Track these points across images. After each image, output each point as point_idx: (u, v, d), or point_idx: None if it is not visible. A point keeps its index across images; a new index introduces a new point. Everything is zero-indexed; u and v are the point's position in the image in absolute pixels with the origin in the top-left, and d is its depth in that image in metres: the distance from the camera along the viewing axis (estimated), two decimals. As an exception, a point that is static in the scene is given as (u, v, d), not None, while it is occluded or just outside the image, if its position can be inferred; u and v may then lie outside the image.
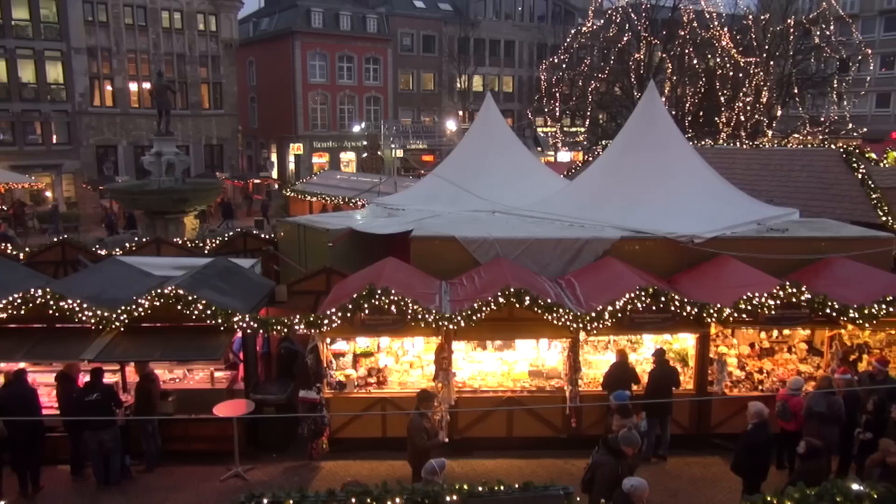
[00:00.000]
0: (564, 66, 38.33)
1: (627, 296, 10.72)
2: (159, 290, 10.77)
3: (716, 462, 10.88)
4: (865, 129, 40.40)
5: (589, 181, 15.98)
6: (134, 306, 10.73)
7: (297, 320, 10.74)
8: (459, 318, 10.60)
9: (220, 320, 10.69)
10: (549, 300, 10.88)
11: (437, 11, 55.76)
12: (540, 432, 11.14)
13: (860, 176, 18.14)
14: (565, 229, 14.07)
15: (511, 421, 11.25)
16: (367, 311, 10.60)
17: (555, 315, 10.65)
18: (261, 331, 11.15)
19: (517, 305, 10.69)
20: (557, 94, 38.13)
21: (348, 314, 10.59)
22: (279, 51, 50.02)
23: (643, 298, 10.72)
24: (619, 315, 10.76)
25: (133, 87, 40.25)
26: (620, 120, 30.40)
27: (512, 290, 10.62)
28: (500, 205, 16.01)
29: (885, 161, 26.28)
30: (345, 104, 51.84)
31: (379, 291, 10.49)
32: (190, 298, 10.65)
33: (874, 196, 17.54)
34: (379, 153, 40.84)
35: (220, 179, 35.88)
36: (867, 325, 10.74)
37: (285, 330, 10.99)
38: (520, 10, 59.11)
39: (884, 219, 16.82)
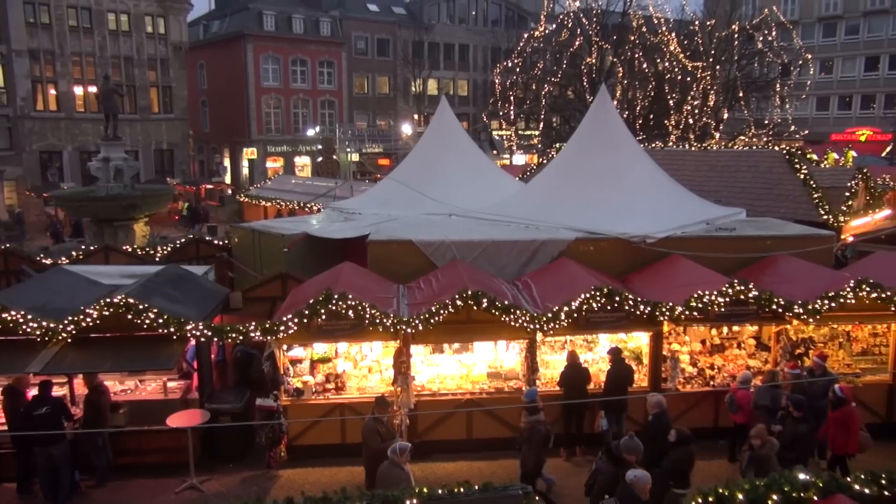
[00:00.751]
0: (518, 69, 38.75)
1: (583, 296, 10.88)
2: (108, 300, 10.48)
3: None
4: (807, 132, 41.96)
5: (544, 183, 16.17)
6: (81, 316, 10.41)
7: (252, 327, 10.59)
8: (417, 321, 10.60)
9: (172, 329, 10.45)
10: (506, 302, 10.97)
11: (391, 15, 55.73)
12: (499, 433, 11.20)
13: (802, 176, 18.81)
14: (521, 231, 14.20)
15: (470, 423, 11.29)
16: (324, 317, 10.51)
17: (512, 316, 10.74)
18: (215, 339, 10.94)
19: (475, 308, 10.75)
20: (512, 98, 38.53)
21: (305, 320, 10.48)
22: (231, 54, 49.26)
23: (598, 298, 10.90)
24: (575, 315, 10.91)
25: (78, 90, 39.10)
26: (574, 123, 30.85)
27: (469, 292, 10.68)
28: (457, 208, 16.08)
29: (825, 162, 27.30)
30: (299, 108, 51.34)
31: (336, 296, 10.42)
32: (140, 307, 10.39)
33: (815, 195, 18.21)
34: (334, 157, 40.57)
35: (170, 185, 35.11)
36: (811, 320, 11.12)
37: (240, 337, 10.81)
38: (473, 15, 59.54)
39: (825, 217, 17.48)
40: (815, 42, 51.96)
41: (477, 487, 5.84)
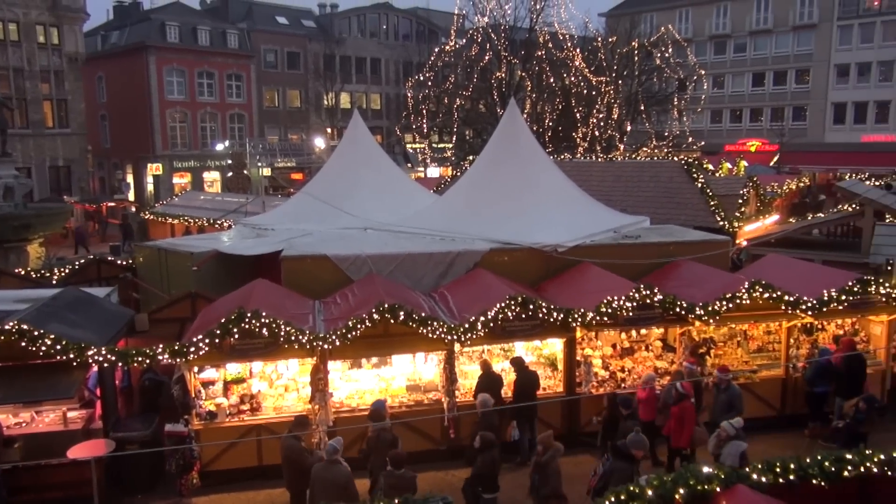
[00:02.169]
0: (430, 83, 39.12)
1: (498, 305, 11.07)
2: (-1, 327, 9.79)
3: (586, 459, 11.38)
4: (703, 143, 44.44)
5: (458, 195, 16.38)
6: (-32, 346, 9.67)
7: (160, 350, 10.15)
8: (334, 337, 10.47)
9: (72, 355, 9.87)
10: (423, 314, 11.01)
11: (300, 28, 55.12)
12: (419, 446, 11.19)
13: (700, 185, 19.92)
14: (437, 243, 14.31)
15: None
16: (236, 336, 10.21)
17: (430, 328, 10.79)
18: (119, 363, 10.41)
19: (392, 321, 10.73)
20: (424, 111, 38.83)
21: (217, 340, 10.15)
22: (132, 66, 47.30)
23: (513, 307, 11.12)
24: (492, 324, 11.08)
25: (-39, 104, 36.39)
26: (486, 136, 31.44)
27: (386, 305, 10.65)
28: (372, 221, 16.03)
29: (720, 171, 29.03)
30: (207, 122, 49.86)
31: (249, 314, 10.15)
32: (35, 333, 9.76)
33: (712, 203, 19.33)
34: (245, 172, 39.56)
35: (68, 204, 33.20)
36: (711, 320, 11.75)
37: (147, 361, 10.33)
38: (384, 29, 59.77)
39: (721, 223, 18.56)
40: (707, 59, 55.21)
41: (397, 500, 5.82)
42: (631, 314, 11.56)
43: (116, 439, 10.35)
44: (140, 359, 10.24)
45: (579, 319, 11.39)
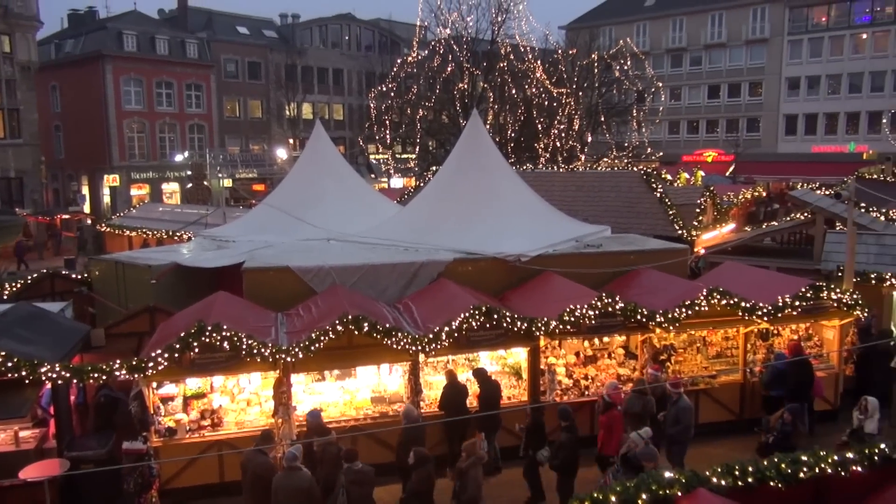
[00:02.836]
0: (393, 94, 39.19)
1: (462, 315, 11.10)
2: (-54, 344, 9.44)
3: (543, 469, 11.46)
4: (661, 153, 45.43)
5: (421, 206, 16.40)
6: (-87, 365, 9.30)
7: (117, 365, 9.90)
8: (297, 349, 10.36)
9: (24, 372, 9.56)
10: (387, 325, 10.97)
11: (261, 38, 54.72)
12: (384, 458, 11.06)
13: (659, 195, 20.33)
14: (400, 254, 14.29)
15: (355, 449, 11.11)
16: (196, 350, 10.03)
17: (394, 339, 10.75)
18: (74, 380, 10.12)
19: (356, 332, 10.67)
20: (387, 122, 38.85)
21: (176, 354, 9.95)
22: (87, 75, 46.29)
23: (477, 317, 11.16)
24: (456, 335, 11.10)
25: None
26: (449, 146, 31.58)
27: (350, 317, 10.59)
28: (335, 232, 15.94)
29: (678, 181, 29.65)
30: (165, 132, 49.03)
31: (210, 328, 9.98)
32: (-15, 351, 9.44)
33: (671, 212, 19.73)
34: (205, 183, 38.98)
35: (20, 216, 32.24)
36: (671, 327, 11.96)
37: (103, 377, 10.06)
38: (347, 40, 59.70)
39: (679, 232, 18.95)
40: (664, 71, 56.50)
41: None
42: (593, 322, 11.70)
43: (71, 458, 10.04)
44: (96, 375, 9.97)
45: (543, 328, 11.48)
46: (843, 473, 6.03)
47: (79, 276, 16.61)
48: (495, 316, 11.25)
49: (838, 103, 51.15)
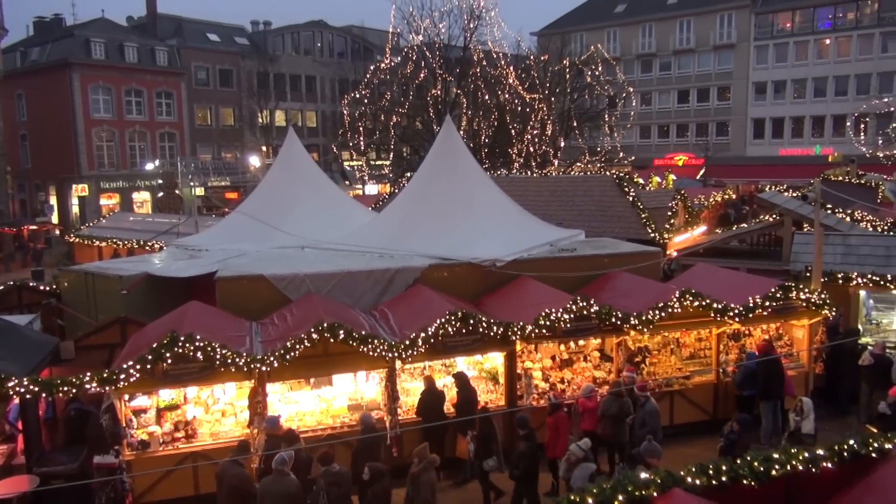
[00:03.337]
0: (366, 101, 39.15)
1: (438, 321, 11.10)
2: None
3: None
4: (633, 158, 45.98)
5: (396, 212, 16.39)
6: None
7: (87, 378, 9.71)
8: (272, 358, 10.27)
9: (-10, 387, 9.34)
10: (363, 332, 10.93)
11: (233, 45, 54.31)
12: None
13: (631, 198, 20.56)
14: (376, 261, 14.26)
15: (331, 452, 11.04)
16: (169, 361, 9.89)
17: (370, 346, 10.72)
18: (43, 394, 9.91)
19: (332, 340, 10.61)
20: (361, 129, 38.78)
21: (148, 366, 9.80)
22: (54, 83, 45.52)
23: (453, 322, 11.17)
24: (432, 340, 11.10)
25: None
26: (423, 152, 31.63)
27: (325, 324, 10.53)
28: (310, 240, 15.85)
29: (650, 185, 30.01)
30: (135, 141, 48.39)
31: (182, 338, 9.85)
32: (-50, 366, 9.21)
33: (643, 216, 19.96)
34: (177, 192, 38.54)
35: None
36: (646, 329, 12.09)
37: (73, 390, 9.87)
38: (319, 46, 59.51)
39: (652, 235, 19.17)
40: (635, 77, 57.18)
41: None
42: (569, 326, 11.79)
43: (41, 474, 9.82)
44: (65, 388, 9.76)
45: (519, 333, 11.53)
46: (813, 470, 6.13)
47: (47, 288, 16.30)
48: (471, 321, 11.27)
49: (804, 107, 52.25)
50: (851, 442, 6.31)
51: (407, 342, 10.93)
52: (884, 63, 48.58)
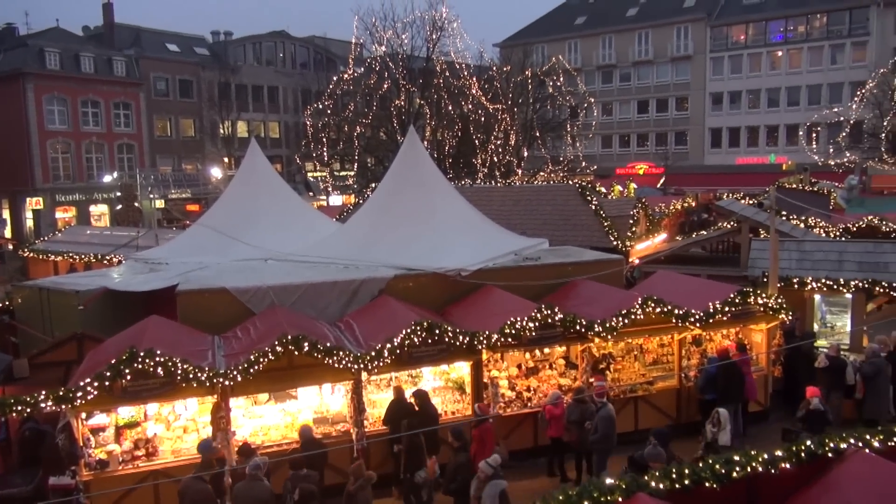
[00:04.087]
0: (329, 111, 39.02)
1: (404, 332, 11.06)
2: None
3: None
4: (595, 167, 46.68)
5: (361, 223, 16.32)
6: None
7: (42, 397, 9.43)
8: (235, 372, 10.11)
9: (-61, 409, 9.01)
10: (328, 344, 10.83)
11: (193, 55, 53.60)
12: (329, 480, 10.87)
13: (593, 207, 20.85)
14: (341, 272, 14.16)
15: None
16: (129, 377, 9.66)
17: (335, 358, 10.63)
18: (-4, 415, 9.60)
19: (296, 353, 10.49)
20: (325, 139, 38.63)
21: (106, 382, 9.55)
22: (7, 94, 44.33)
23: (419, 332, 11.14)
24: (398, 351, 11.05)
25: None
26: (387, 163, 31.64)
27: (289, 337, 10.41)
28: (273, 251, 15.66)
29: (612, 194, 30.48)
30: (92, 153, 47.33)
31: (142, 353, 9.64)
32: None
33: (606, 224, 20.25)
34: (136, 204, 37.77)
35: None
36: (609, 336, 12.23)
37: (28, 410, 9.57)
38: (281, 57, 59.12)
39: (615, 243, 19.46)
40: (596, 87, 58.17)
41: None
42: (534, 334, 11.86)
43: (-7, 498, 9.50)
44: (19, 408, 9.47)
45: (485, 342, 11.56)
46: (772, 471, 6.27)
47: (0, 304, 15.81)
48: (437, 331, 11.27)
49: (759, 117, 53.74)
50: (808, 443, 6.47)
51: (373, 353, 10.87)
52: (833, 74, 50.33)
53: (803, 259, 15.65)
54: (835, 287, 14.55)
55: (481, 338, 11.52)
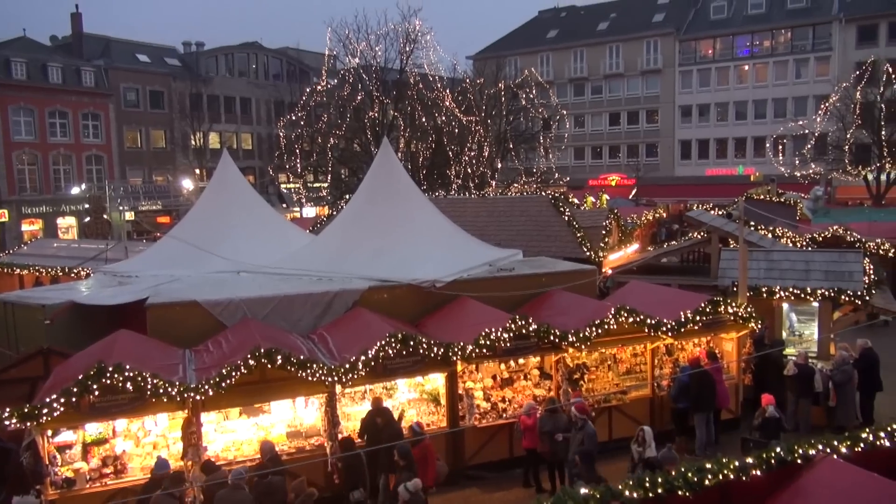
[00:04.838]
0: (303, 123, 38.86)
1: (378, 343, 11.01)
2: None
3: (473, 493, 11.48)
4: (568, 178, 47.11)
5: (334, 235, 16.23)
6: None
7: (6, 414, 9.19)
8: (207, 386, 9.96)
9: None
10: (302, 357, 10.73)
11: (163, 66, 53.05)
12: (303, 494, 10.79)
13: (567, 218, 21.01)
14: (314, 284, 14.06)
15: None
16: (97, 393, 9.46)
17: (309, 371, 10.53)
18: (-43, 433, 9.32)
19: (269, 366, 10.38)
20: (298, 151, 38.43)
21: (73, 399, 9.35)
22: (-29, 104, 43.36)
23: (394, 344, 11.11)
24: (373, 363, 11.00)
25: None
26: (361, 174, 31.56)
27: (262, 350, 10.30)
28: (245, 264, 15.50)
29: (584, 205, 30.77)
30: (60, 164, 46.44)
31: (111, 368, 9.45)
32: None
33: (579, 235, 20.41)
34: (105, 216, 37.11)
35: None
36: (583, 346, 12.31)
37: (-9, 428, 9.33)
38: (254, 68, 58.81)
39: (587, 253, 19.62)
40: (568, 100, 58.81)
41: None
42: (508, 345, 11.89)
43: (-46, 520, 9.21)
44: (-18, 426, 9.22)
45: (459, 353, 11.56)
46: (744, 478, 6.35)
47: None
48: (411, 343, 11.24)
49: (727, 129, 54.78)
50: (778, 449, 6.56)
51: (347, 366, 10.79)
52: (798, 88, 51.55)
53: (771, 268, 15.94)
54: (802, 296, 14.83)
55: (456, 349, 11.52)
